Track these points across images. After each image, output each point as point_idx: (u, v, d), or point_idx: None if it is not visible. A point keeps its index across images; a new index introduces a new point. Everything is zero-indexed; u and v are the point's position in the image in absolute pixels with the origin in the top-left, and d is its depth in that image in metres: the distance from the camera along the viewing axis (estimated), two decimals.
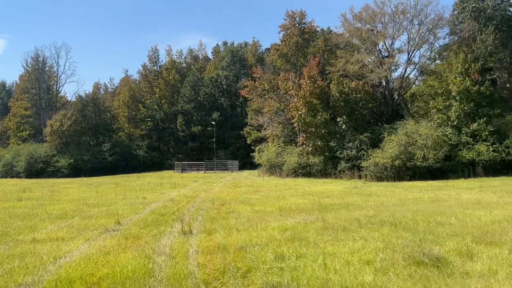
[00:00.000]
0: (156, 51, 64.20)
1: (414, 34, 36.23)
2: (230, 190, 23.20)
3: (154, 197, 19.13)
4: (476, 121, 27.89)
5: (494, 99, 29.25)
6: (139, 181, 32.67)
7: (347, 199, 17.03)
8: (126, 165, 54.35)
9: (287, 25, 41.04)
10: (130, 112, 62.80)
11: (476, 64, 28.99)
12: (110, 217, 12.93)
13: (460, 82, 28.52)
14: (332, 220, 9.26)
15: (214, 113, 55.64)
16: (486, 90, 28.37)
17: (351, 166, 30.89)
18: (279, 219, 10.91)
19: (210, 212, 13.86)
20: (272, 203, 16.16)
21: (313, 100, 33.42)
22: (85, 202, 17.81)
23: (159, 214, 13.58)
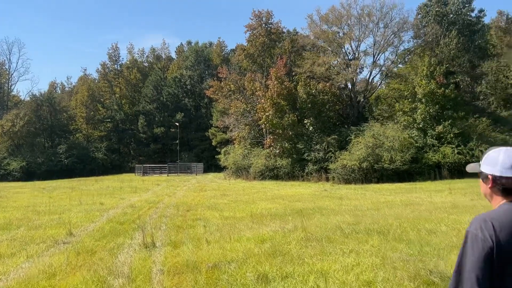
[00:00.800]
0: (116, 49, 61.68)
1: (380, 37, 36.45)
2: (196, 195, 22.02)
3: (112, 203, 17.66)
4: (441, 124, 28.14)
5: (458, 102, 29.72)
6: (97, 185, 30.75)
7: (319, 203, 16.34)
8: (83, 168, 51.63)
9: (254, 25, 40.29)
10: (88, 113, 59.87)
11: (441, 67, 29.34)
12: (61, 226, 11.50)
13: (425, 84, 28.73)
14: (312, 228, 8.40)
15: (178, 114, 53.95)
16: (450, 93, 28.73)
17: (318, 168, 30.44)
18: (252, 227, 9.95)
19: (175, 220, 12.70)
20: (241, 208, 15.19)
21: (280, 101, 32.78)
22: (35, 209, 16.09)
23: (117, 222, 12.27)
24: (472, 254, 1.73)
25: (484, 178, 1.93)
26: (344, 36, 37.05)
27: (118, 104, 60.45)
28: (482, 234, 1.73)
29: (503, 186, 1.85)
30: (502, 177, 1.84)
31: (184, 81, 57.63)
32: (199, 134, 55.42)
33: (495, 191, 1.89)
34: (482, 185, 1.98)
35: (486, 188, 1.94)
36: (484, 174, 1.93)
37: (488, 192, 1.94)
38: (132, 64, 63.57)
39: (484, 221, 1.77)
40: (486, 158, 1.94)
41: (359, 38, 36.97)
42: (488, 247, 1.70)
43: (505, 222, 1.75)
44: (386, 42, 36.34)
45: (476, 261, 1.71)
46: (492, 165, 1.89)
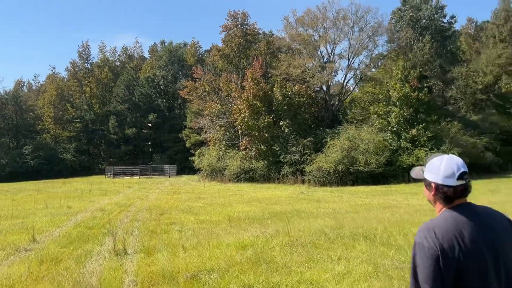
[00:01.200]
0: (87, 47, 59.72)
1: (355, 40, 36.67)
2: (169, 197, 21.32)
3: (81, 206, 16.77)
4: (415, 127, 28.45)
5: (431, 105, 30.16)
6: (65, 188, 29.46)
7: (297, 206, 16.01)
8: (50, 170, 49.64)
9: (229, 25, 39.81)
10: (56, 112, 57.72)
11: (415, 71, 29.70)
12: (24, 232, 10.69)
13: (400, 88, 29.01)
14: (295, 233, 8.00)
15: (151, 115, 52.69)
16: (424, 96, 29.11)
17: (294, 170, 30.22)
18: (231, 232, 9.47)
19: (148, 224, 12.06)
20: (218, 212, 14.68)
21: (256, 102, 32.41)
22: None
23: (86, 227, 11.53)
24: (422, 264, 1.78)
25: (428, 185, 1.95)
26: (320, 39, 37.09)
27: (88, 104, 58.56)
28: (427, 242, 1.77)
29: (444, 194, 1.86)
30: (444, 185, 1.85)
31: (157, 81, 56.41)
32: (173, 135, 54.35)
33: (437, 198, 1.91)
34: (426, 191, 1.99)
35: (430, 195, 1.96)
36: (427, 181, 1.95)
37: (432, 198, 1.96)
38: (103, 63, 61.78)
39: (428, 230, 1.81)
40: (429, 166, 1.95)
41: (334, 41, 37.09)
42: (435, 255, 1.75)
43: (445, 229, 1.79)
44: (361, 45, 36.61)
45: (427, 270, 1.76)
46: (435, 173, 1.89)
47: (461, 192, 1.88)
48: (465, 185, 1.88)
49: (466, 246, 1.76)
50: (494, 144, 30.66)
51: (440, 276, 1.75)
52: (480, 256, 1.77)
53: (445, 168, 1.86)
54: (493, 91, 38.35)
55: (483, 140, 30.01)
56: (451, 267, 1.75)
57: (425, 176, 1.97)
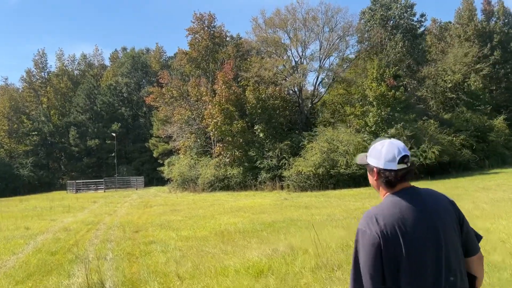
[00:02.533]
0: (43, 55, 56.07)
1: (325, 41, 35.97)
2: (141, 212, 19.37)
3: (41, 227, 14.59)
4: (393, 126, 27.82)
5: (408, 104, 29.71)
6: (22, 206, 26.66)
7: (287, 214, 14.60)
8: (5, 187, 45.83)
9: (196, 28, 38.18)
10: (11, 125, 53.73)
11: (390, 69, 29.20)
12: None
13: (376, 87, 28.36)
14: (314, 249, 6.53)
15: (114, 125, 49.86)
16: (401, 95, 28.62)
17: (272, 176, 28.87)
18: (228, 250, 7.90)
19: (123, 244, 10.26)
20: (201, 225, 13.02)
21: (229, 106, 30.90)
22: None
23: (48, 252, 9.58)
24: (363, 252, 1.74)
25: (370, 170, 1.93)
26: (290, 40, 36.17)
27: (45, 115, 54.86)
28: (369, 230, 1.73)
29: (386, 179, 1.84)
30: (385, 170, 1.83)
31: (120, 88, 53.65)
32: (138, 145, 51.79)
33: (380, 183, 1.89)
34: (370, 177, 1.97)
35: (373, 180, 1.94)
36: (370, 167, 1.92)
37: (375, 184, 1.94)
38: (61, 72, 58.27)
39: (370, 217, 1.78)
40: (371, 150, 1.91)
41: (305, 42, 36.22)
42: (376, 243, 1.70)
43: (388, 215, 1.75)
44: (332, 46, 35.95)
45: (368, 258, 1.71)
46: (377, 158, 1.86)
47: (402, 176, 1.83)
48: (407, 169, 1.84)
49: (408, 233, 1.72)
50: (470, 141, 30.56)
51: (381, 264, 1.70)
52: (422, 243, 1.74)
53: (386, 152, 1.83)
54: (462, 89, 38.68)
55: (459, 138, 29.86)
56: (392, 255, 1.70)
57: (368, 161, 1.92)
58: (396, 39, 32.65)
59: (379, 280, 1.69)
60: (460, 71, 37.36)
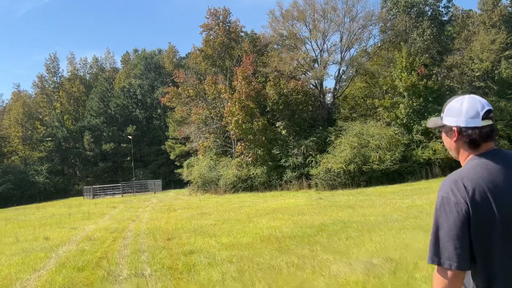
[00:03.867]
0: (55, 60, 55.26)
1: (346, 32, 34.33)
2: (166, 216, 17.98)
3: (62, 236, 13.29)
4: (427, 118, 26.05)
5: (441, 94, 27.92)
6: (39, 214, 25.55)
7: (332, 215, 13.08)
8: (21, 195, 45.05)
9: (210, 24, 36.78)
10: (25, 132, 53.03)
11: (420, 57, 27.47)
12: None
13: (406, 77, 26.65)
14: (415, 260, 5.00)
15: (129, 127, 48.72)
16: (433, 84, 26.88)
17: (298, 175, 27.33)
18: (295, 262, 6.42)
19: (159, 256, 8.85)
20: (240, 230, 11.57)
21: (249, 103, 29.43)
22: None
23: (74, 268, 8.21)
24: (446, 221, 1.58)
25: (448, 131, 1.76)
26: (310, 32, 34.60)
27: (59, 120, 54.02)
28: (454, 196, 1.57)
29: (469, 138, 1.67)
30: (467, 128, 1.66)
31: (134, 90, 52.53)
32: (154, 148, 50.63)
33: (461, 144, 1.72)
34: (446, 139, 1.81)
35: (451, 143, 1.76)
36: (447, 127, 1.75)
37: (454, 146, 1.76)
38: (73, 76, 57.45)
39: (455, 182, 1.61)
40: (448, 109, 1.75)
41: (324, 34, 34.62)
42: (463, 210, 1.54)
43: (476, 179, 1.59)
44: (354, 37, 34.28)
45: (452, 228, 1.56)
46: (456, 116, 1.70)
47: (488, 134, 1.66)
48: (492, 126, 1.66)
49: (501, 198, 1.55)
50: (507, 131, 28.64)
51: (468, 234, 1.54)
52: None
53: (467, 108, 1.66)
54: (492, 77, 36.78)
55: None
56: (483, 223, 1.54)
57: (444, 122, 1.76)
58: (423, 26, 30.86)
59: (466, 252, 1.53)
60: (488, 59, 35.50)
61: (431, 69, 29.87)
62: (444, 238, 1.55)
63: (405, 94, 26.88)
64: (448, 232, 1.54)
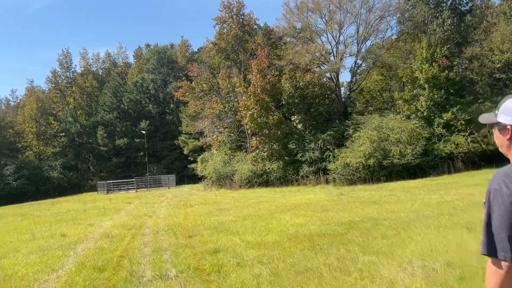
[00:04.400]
0: (68, 55, 55.25)
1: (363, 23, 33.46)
2: (183, 212, 17.57)
3: (78, 233, 12.94)
4: (449, 111, 25.22)
5: (463, 86, 27.01)
6: (55, 209, 25.39)
7: (359, 212, 12.49)
8: (36, 190, 45.20)
9: (224, 17, 36.20)
10: (38, 127, 53.20)
11: (441, 48, 26.56)
12: None
13: (427, 68, 25.79)
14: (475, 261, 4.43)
15: (142, 122, 48.51)
16: (455, 76, 25.99)
17: (315, 170, 26.73)
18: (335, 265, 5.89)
19: (183, 255, 8.39)
20: (263, 228, 11.05)
21: (264, 97, 28.86)
22: None
23: (94, 268, 7.79)
24: (499, 213, 1.60)
25: (502, 129, 1.80)
26: (325, 24, 33.79)
27: (72, 115, 54.07)
28: (507, 187, 1.60)
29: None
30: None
31: (147, 85, 52.27)
32: (167, 143, 50.39)
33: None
34: (499, 136, 1.85)
35: (503, 140, 1.82)
36: (502, 125, 1.80)
37: (506, 144, 1.81)
38: (86, 71, 57.40)
39: (506, 175, 1.65)
40: (504, 107, 1.80)
41: (341, 26, 33.79)
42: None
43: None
44: (370, 28, 33.41)
45: (505, 219, 1.57)
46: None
47: None
48: None
49: None
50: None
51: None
52: None
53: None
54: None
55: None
56: None
57: (498, 120, 1.80)
58: (443, 16, 29.89)
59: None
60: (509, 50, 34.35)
61: (452, 61, 28.93)
62: (497, 229, 1.57)
63: (426, 86, 26.03)
64: (501, 223, 1.56)
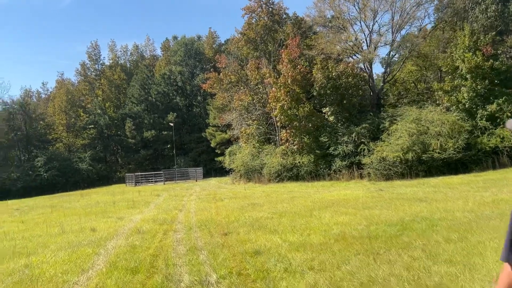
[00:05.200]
0: (96, 47, 55.64)
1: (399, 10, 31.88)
2: (213, 206, 16.92)
3: (108, 227, 12.44)
4: (493, 102, 23.58)
5: (509, 75, 25.21)
6: (84, 201, 25.31)
7: (406, 210, 11.47)
8: (66, 182, 45.80)
9: (253, 6, 35.33)
10: (68, 119, 53.91)
11: (486, 35, 24.86)
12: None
13: (470, 57, 24.17)
14: None
15: (170, 115, 48.33)
16: (501, 65, 24.26)
17: (348, 164, 25.63)
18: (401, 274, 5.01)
19: (221, 256, 7.65)
20: (305, 226, 10.21)
21: (295, 88, 27.88)
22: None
23: (127, 269, 7.15)
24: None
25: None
26: (359, 12, 32.39)
27: (101, 107, 54.53)
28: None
29: None
30: None
31: (174, 77, 52.04)
32: (195, 135, 50.09)
33: None
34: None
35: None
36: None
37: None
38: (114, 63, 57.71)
39: None
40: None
41: (375, 14, 32.30)
42: None
43: None
44: (406, 16, 31.79)
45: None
46: None
47: None
48: None
49: None
50: None
51: None
52: None
53: None
54: None
55: None
56: None
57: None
58: (487, 2, 28.05)
59: None
60: None
61: (496, 49, 27.13)
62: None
63: (468, 76, 24.42)
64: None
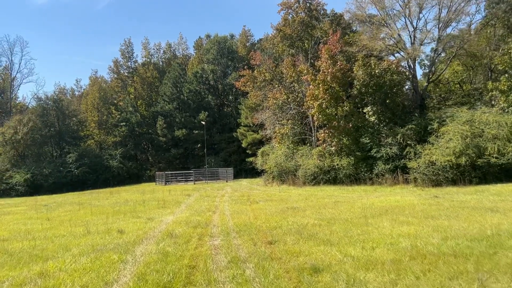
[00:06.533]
0: (129, 45, 55.59)
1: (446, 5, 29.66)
2: (249, 209, 15.53)
3: (137, 229, 11.26)
4: None
5: None
6: (113, 199, 24.51)
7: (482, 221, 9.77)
8: (96, 179, 45.63)
9: (290, 2, 33.85)
10: (100, 116, 54.01)
11: None
12: None
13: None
14: None
15: (201, 114, 47.46)
16: None
17: (392, 168, 23.74)
18: None
19: (271, 272, 6.27)
20: (363, 238, 8.68)
21: (335, 85, 26.23)
22: (9, 247, 9.78)
23: (158, 285, 5.88)
24: None
25: None
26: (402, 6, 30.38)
27: (133, 105, 54.34)
28: None
29: None
30: None
31: (206, 76, 51.23)
32: (225, 135, 49.04)
33: None
34: None
35: None
36: None
37: None
38: (147, 61, 57.54)
39: None
40: None
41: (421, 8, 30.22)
42: None
43: None
44: (454, 12, 29.54)
45: None
46: None
47: None
48: None
49: None
50: None
51: None
52: None
53: None
54: None
55: None
56: None
57: None
58: None
59: None
60: None
61: None
62: None
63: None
64: None
